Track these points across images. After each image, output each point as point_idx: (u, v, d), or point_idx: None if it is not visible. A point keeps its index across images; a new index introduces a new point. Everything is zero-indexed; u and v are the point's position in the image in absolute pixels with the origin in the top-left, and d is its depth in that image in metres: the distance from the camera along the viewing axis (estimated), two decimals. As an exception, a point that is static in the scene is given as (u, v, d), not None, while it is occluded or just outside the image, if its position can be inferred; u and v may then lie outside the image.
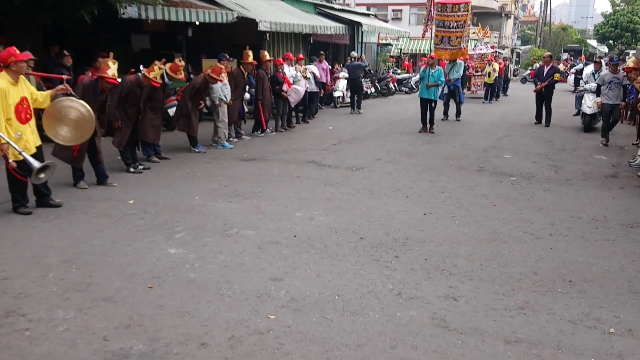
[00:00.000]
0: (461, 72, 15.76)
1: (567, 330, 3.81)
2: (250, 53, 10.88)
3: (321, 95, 15.77)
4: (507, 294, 4.35)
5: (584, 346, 3.61)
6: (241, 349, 3.50)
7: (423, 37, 21.42)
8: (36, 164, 5.73)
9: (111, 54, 7.56)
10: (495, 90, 21.46)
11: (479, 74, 21.52)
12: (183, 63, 8.84)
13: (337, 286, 4.43)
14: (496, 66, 20.84)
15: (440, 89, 14.16)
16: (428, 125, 12.85)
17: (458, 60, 15.44)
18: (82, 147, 6.95)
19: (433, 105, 12.73)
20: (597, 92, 11.84)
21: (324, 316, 3.93)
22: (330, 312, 3.99)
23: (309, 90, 14.51)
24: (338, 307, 4.07)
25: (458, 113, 15.31)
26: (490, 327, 3.83)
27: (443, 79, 12.94)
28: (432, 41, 16.05)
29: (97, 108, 6.96)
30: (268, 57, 11.68)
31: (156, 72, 8.28)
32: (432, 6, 16.72)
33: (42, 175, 5.85)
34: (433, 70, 12.60)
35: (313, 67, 15.36)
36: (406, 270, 4.79)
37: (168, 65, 8.72)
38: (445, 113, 15.26)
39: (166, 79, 8.68)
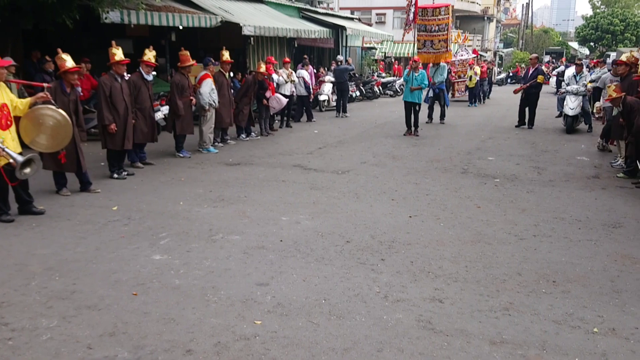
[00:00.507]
0: (445, 75, 15.84)
1: (551, 330, 3.85)
2: (227, 53, 10.88)
3: (310, 99, 15.79)
4: (492, 295, 4.39)
5: (568, 346, 3.65)
6: (227, 355, 3.48)
7: (402, 40, 21.40)
8: (19, 158, 5.66)
9: (113, 42, 7.94)
10: (478, 93, 21.51)
11: (462, 79, 21.59)
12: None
13: (323, 290, 4.42)
14: (477, 69, 20.97)
15: (424, 92, 14.23)
16: (412, 129, 12.88)
17: (442, 63, 15.51)
18: (69, 152, 6.89)
19: (417, 108, 12.78)
20: (597, 95, 11.91)
21: (310, 320, 3.92)
22: (317, 316, 3.99)
23: (298, 94, 14.75)
24: (324, 311, 4.07)
25: (442, 116, 15.37)
26: (475, 329, 3.85)
27: (427, 82, 12.99)
28: (415, 45, 16.02)
29: (72, 109, 6.87)
30: (263, 70, 11.80)
31: (148, 54, 8.27)
32: (414, 10, 16.66)
33: (27, 170, 5.76)
34: (416, 74, 12.66)
35: (303, 72, 15.46)
36: (392, 273, 4.80)
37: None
38: (430, 116, 15.35)
39: (145, 75, 8.64)
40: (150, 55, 8.74)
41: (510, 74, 37.56)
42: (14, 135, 6.07)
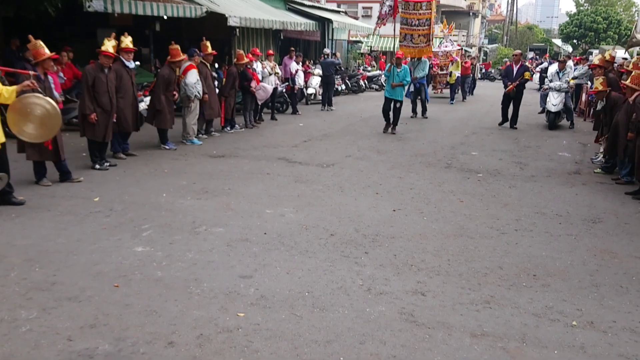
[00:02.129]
0: (426, 70, 15.58)
1: (531, 323, 3.90)
2: (209, 43, 10.77)
3: (294, 91, 15.75)
4: (474, 289, 4.43)
5: (547, 339, 3.70)
6: (210, 347, 3.47)
7: (374, 33, 21.04)
8: None
9: (113, 34, 8.02)
10: (456, 90, 20.55)
11: (444, 72, 20.71)
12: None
13: (307, 283, 4.43)
14: (458, 64, 20.12)
15: (406, 88, 14.15)
16: (391, 125, 12.43)
17: (423, 58, 15.14)
18: (54, 140, 6.80)
19: (398, 105, 12.26)
20: (579, 91, 11.99)
21: (293, 313, 3.93)
22: (300, 308, 4.00)
23: (300, 87, 15.39)
24: (308, 303, 4.08)
25: (424, 111, 15.32)
26: (457, 321, 3.89)
27: (409, 78, 12.50)
28: (397, 39, 15.88)
29: (47, 96, 6.77)
30: (245, 60, 11.63)
31: (106, 44, 8.14)
32: (394, 3, 16.45)
33: None
34: (399, 70, 12.15)
35: (293, 64, 15.48)
36: (375, 266, 4.83)
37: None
38: (414, 110, 15.35)
39: (127, 62, 8.53)
40: (127, 41, 8.60)
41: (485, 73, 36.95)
42: (-2, 124, 5.98)
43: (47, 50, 6.89)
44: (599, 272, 4.87)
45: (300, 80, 15.67)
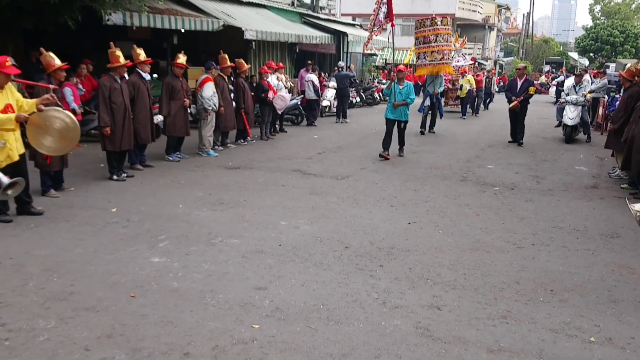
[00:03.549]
0: (443, 86, 15.35)
1: (548, 339, 3.86)
2: (226, 56, 10.87)
3: (304, 103, 15.86)
4: (490, 303, 4.39)
5: (565, 355, 3.65)
6: (225, 358, 3.48)
7: (367, 45, 20.57)
8: (5, 180, 5.62)
9: (112, 43, 8.06)
10: (468, 104, 19.80)
11: (455, 87, 20.15)
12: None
13: (321, 295, 4.43)
14: (470, 79, 19.60)
15: (421, 103, 13.90)
16: (391, 150, 10.81)
17: (440, 74, 14.87)
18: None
19: (403, 126, 10.79)
20: (596, 105, 11.84)
21: (308, 325, 3.92)
22: (315, 321, 3.99)
23: (307, 98, 15.47)
24: (322, 316, 4.07)
25: (432, 125, 14.77)
26: (473, 336, 3.85)
27: (413, 96, 10.75)
28: (414, 55, 15.80)
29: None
30: (246, 67, 11.66)
31: (141, 54, 8.27)
32: (389, 8, 16.25)
33: (9, 192, 5.73)
34: (401, 86, 10.55)
35: (313, 76, 15.68)
36: (390, 279, 4.81)
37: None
38: (423, 126, 14.60)
39: (143, 74, 8.66)
40: (142, 53, 8.76)
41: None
42: (18, 136, 6.06)
43: (57, 61, 7.01)
44: (617, 287, 4.80)
45: (310, 91, 15.73)
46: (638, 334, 3.96)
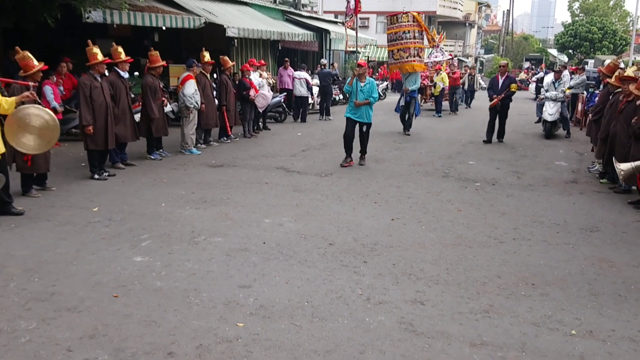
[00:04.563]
0: (419, 83, 14.21)
1: (530, 332, 3.91)
2: (207, 54, 10.79)
3: (286, 101, 15.86)
4: (472, 298, 4.44)
5: (547, 348, 3.71)
6: (209, 357, 3.47)
7: (347, 43, 20.17)
8: None
9: (89, 41, 8.00)
10: (447, 101, 19.46)
11: (432, 83, 19.55)
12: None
13: (306, 292, 4.43)
14: (444, 76, 19.07)
15: (397, 102, 13.25)
16: (356, 156, 9.75)
17: (417, 72, 13.82)
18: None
19: (365, 129, 9.61)
20: (575, 101, 11.97)
21: (293, 323, 3.93)
22: (300, 318, 4.00)
23: (297, 95, 15.77)
24: (307, 313, 4.08)
25: (409, 126, 13.83)
26: (456, 331, 3.89)
27: (376, 94, 9.51)
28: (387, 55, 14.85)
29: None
30: (230, 64, 11.57)
31: (122, 52, 8.20)
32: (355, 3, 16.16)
33: None
34: (362, 84, 9.37)
35: (304, 74, 15.72)
36: (374, 275, 4.83)
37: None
38: (405, 127, 13.91)
39: (122, 72, 8.57)
40: (122, 52, 8.68)
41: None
42: (-3, 135, 5.98)
43: (36, 62, 6.85)
44: (598, 281, 4.88)
45: (303, 89, 15.83)
46: (618, 327, 4.03)
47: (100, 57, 7.95)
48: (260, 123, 13.69)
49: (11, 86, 6.77)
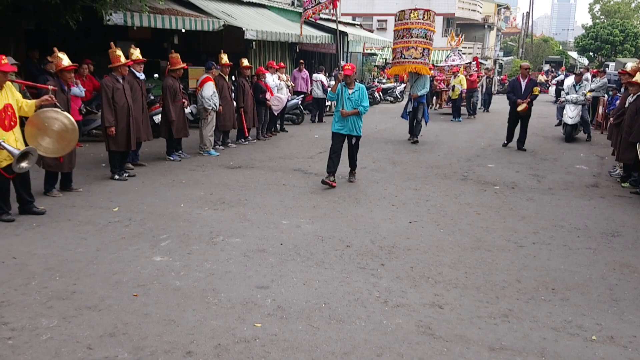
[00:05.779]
0: (427, 88, 13.05)
1: (550, 337, 3.86)
2: (225, 56, 10.85)
3: (301, 103, 15.95)
4: (492, 302, 4.40)
5: (566, 353, 3.66)
6: (227, 357, 3.49)
7: (302, 21, 19.91)
8: (16, 151, 5.65)
9: (112, 44, 8.12)
10: (466, 105, 18.79)
11: (449, 88, 18.91)
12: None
13: (323, 294, 4.44)
14: (462, 79, 18.29)
15: (404, 108, 12.66)
16: (349, 170, 8.57)
17: (425, 75, 12.66)
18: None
19: (354, 142, 8.31)
20: (596, 104, 11.73)
21: (310, 324, 3.93)
22: (317, 320, 4.00)
23: (315, 97, 16.10)
24: (324, 315, 4.08)
25: (417, 132, 12.80)
26: (475, 335, 3.86)
27: (367, 103, 8.22)
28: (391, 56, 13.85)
29: (64, 108, 6.86)
30: (246, 64, 11.58)
31: (135, 53, 8.32)
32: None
33: (23, 164, 5.72)
34: (350, 91, 8.14)
35: (321, 76, 16.00)
36: (392, 278, 4.82)
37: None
38: (411, 132, 12.92)
39: (137, 73, 8.66)
40: (136, 53, 8.79)
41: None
42: (18, 136, 6.06)
43: (65, 62, 7.03)
44: (618, 286, 4.81)
45: (319, 90, 15.93)
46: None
47: (123, 59, 8.06)
48: (277, 125, 13.73)
49: (38, 90, 6.93)
